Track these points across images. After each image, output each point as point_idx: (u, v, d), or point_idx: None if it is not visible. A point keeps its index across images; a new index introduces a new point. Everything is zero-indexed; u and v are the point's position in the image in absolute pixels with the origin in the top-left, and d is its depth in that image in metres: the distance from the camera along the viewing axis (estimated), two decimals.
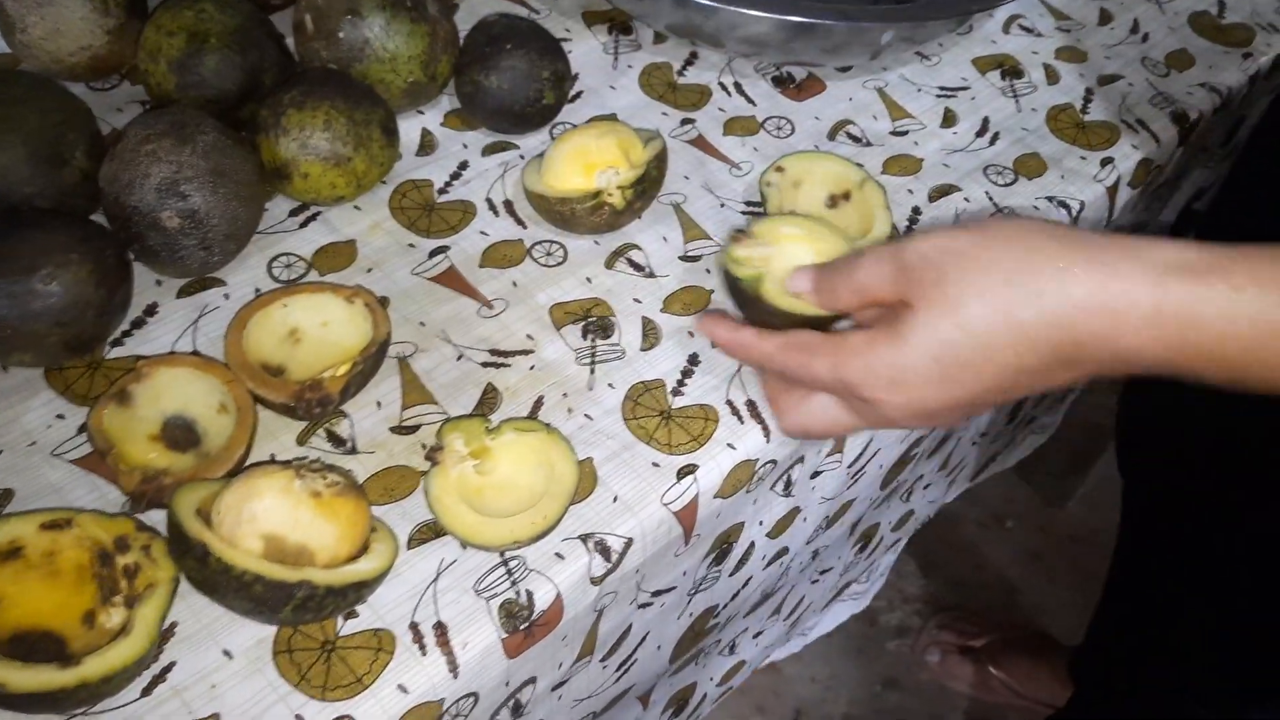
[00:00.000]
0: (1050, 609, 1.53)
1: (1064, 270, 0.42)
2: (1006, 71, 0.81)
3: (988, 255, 0.44)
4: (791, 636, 0.90)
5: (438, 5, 0.66)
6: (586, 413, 0.58)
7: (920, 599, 1.52)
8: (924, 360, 0.45)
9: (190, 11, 0.61)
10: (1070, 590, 1.53)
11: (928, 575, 1.54)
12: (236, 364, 0.54)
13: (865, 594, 0.98)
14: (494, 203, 0.67)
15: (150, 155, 0.55)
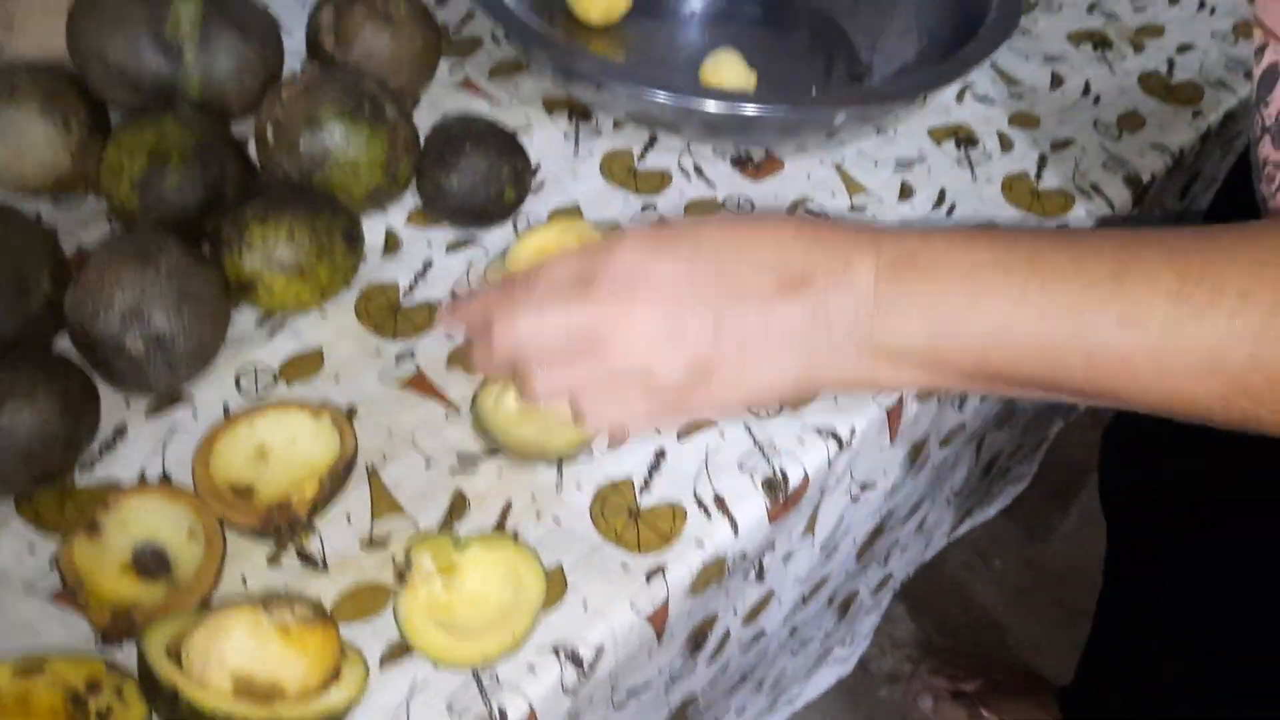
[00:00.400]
0: (1040, 647, 1.53)
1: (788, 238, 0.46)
2: (961, 140, 0.83)
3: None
4: (778, 707, 0.91)
5: (396, 108, 0.67)
6: (555, 515, 0.58)
7: (910, 643, 1.52)
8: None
9: (151, 130, 0.62)
10: (1059, 627, 1.54)
11: (916, 619, 1.54)
12: (204, 490, 0.54)
13: (850, 658, 0.99)
14: None
15: (114, 282, 0.56)
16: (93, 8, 0.63)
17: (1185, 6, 0.98)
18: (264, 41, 0.68)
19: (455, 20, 0.86)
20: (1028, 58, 0.91)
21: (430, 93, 0.80)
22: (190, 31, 0.65)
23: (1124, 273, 0.41)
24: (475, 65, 0.83)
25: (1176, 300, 0.40)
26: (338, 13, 0.72)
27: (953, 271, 0.44)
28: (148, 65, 0.64)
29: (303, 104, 0.64)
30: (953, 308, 0.43)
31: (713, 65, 0.80)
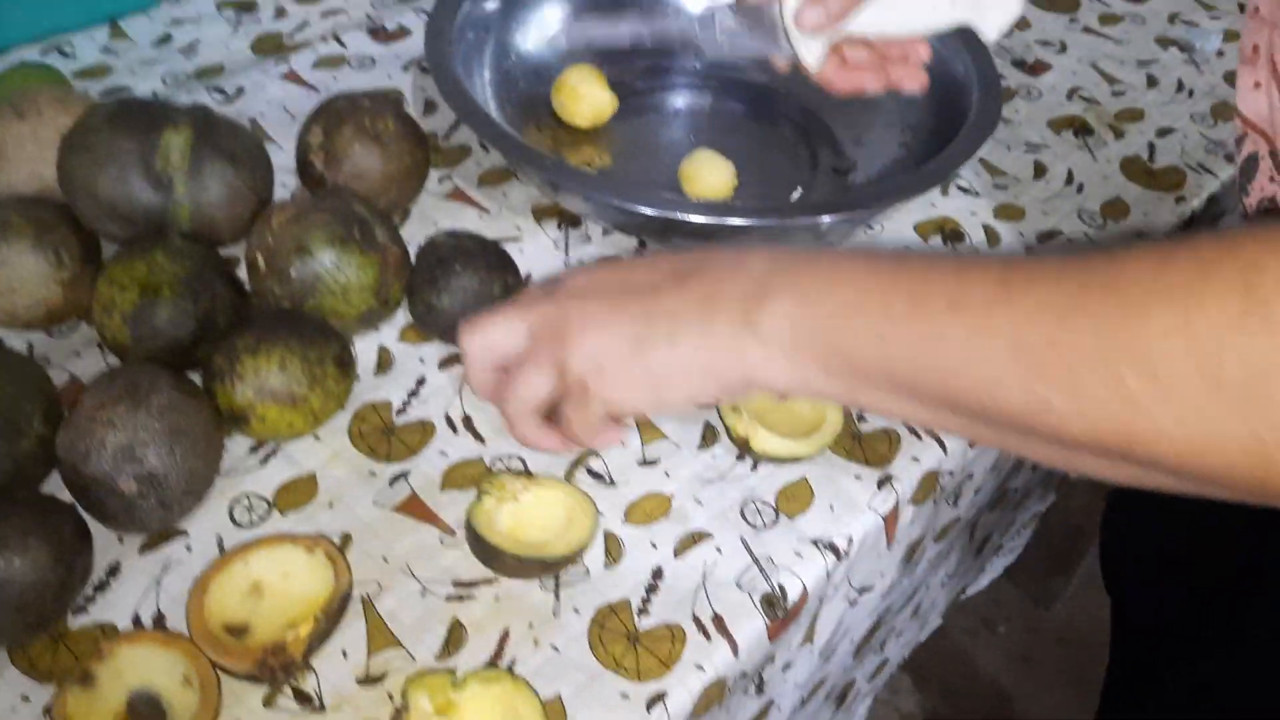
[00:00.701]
0: (1046, 714, 1.52)
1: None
2: (948, 235, 0.83)
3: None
4: None
5: (386, 230, 0.68)
6: (553, 643, 0.58)
7: (916, 714, 1.51)
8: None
9: (142, 264, 0.63)
10: (1065, 693, 1.53)
11: (921, 689, 1.53)
12: (198, 634, 0.54)
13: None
14: (453, 419, 0.68)
15: (105, 423, 0.56)
16: (83, 145, 0.64)
17: (1164, 90, 0.99)
18: (253, 169, 0.69)
19: (444, 128, 0.87)
20: (1010, 147, 0.92)
21: (420, 204, 0.80)
22: (180, 163, 0.65)
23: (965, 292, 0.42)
24: (464, 174, 0.83)
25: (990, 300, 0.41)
26: (326, 132, 0.72)
27: (838, 272, 0.45)
28: (138, 199, 0.64)
29: (293, 231, 0.64)
30: (826, 304, 0.44)
31: (692, 166, 0.80)
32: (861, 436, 0.69)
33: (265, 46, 0.93)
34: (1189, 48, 1.05)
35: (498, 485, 0.62)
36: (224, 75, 0.89)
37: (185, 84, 0.88)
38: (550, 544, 0.60)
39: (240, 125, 0.71)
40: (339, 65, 0.91)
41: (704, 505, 0.65)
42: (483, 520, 0.60)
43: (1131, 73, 1.01)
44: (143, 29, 0.93)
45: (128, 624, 0.56)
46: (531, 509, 0.62)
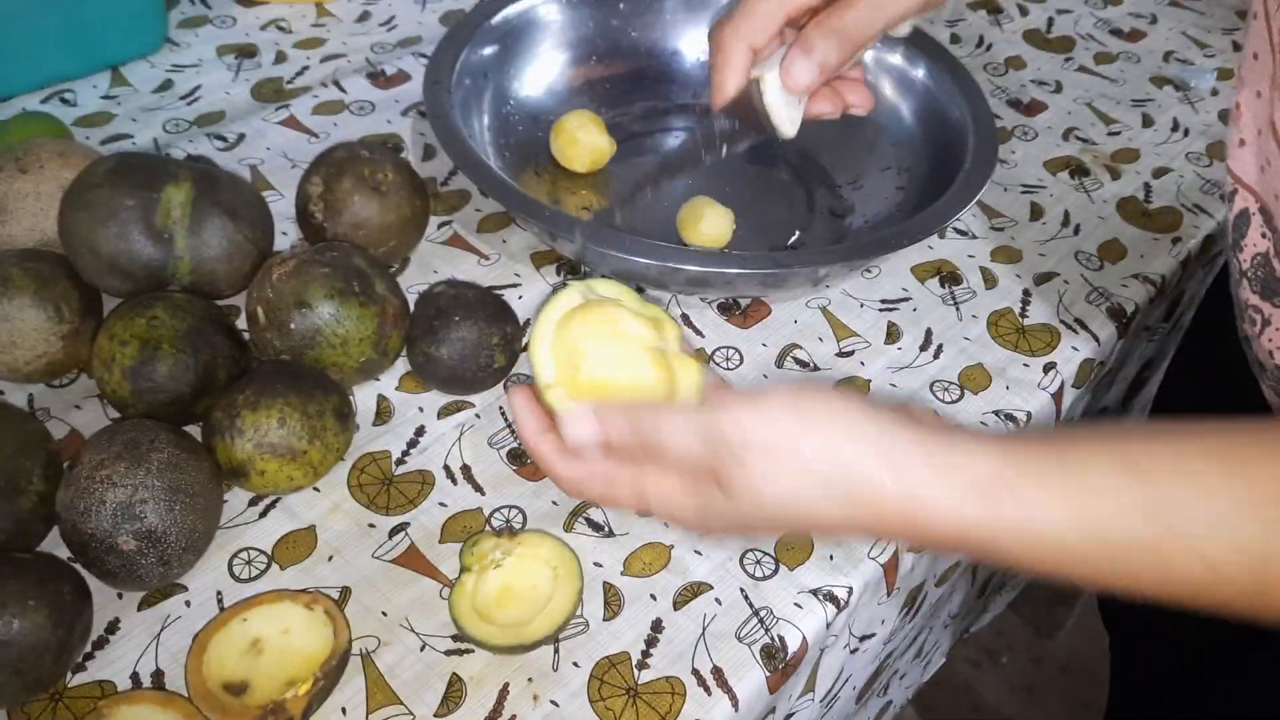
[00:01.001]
0: None
1: (877, 493, 0.43)
2: (945, 278, 0.84)
3: (801, 454, 0.44)
4: None
5: (385, 282, 0.68)
6: (552, 699, 0.58)
7: None
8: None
9: (142, 319, 0.63)
10: None
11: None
12: (197, 693, 0.54)
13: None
14: (452, 470, 0.68)
15: (105, 480, 0.56)
16: (84, 201, 0.65)
17: (1159, 129, 1.00)
18: (253, 222, 0.69)
19: (443, 173, 0.88)
20: (1006, 189, 0.92)
21: (419, 251, 0.81)
22: (181, 218, 0.66)
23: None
24: (463, 220, 0.84)
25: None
26: (326, 183, 0.73)
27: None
28: (139, 254, 0.65)
29: (292, 285, 0.65)
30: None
31: (691, 214, 0.81)
32: None
33: (265, 92, 0.93)
34: (1184, 86, 1.05)
35: (478, 555, 0.61)
36: (224, 122, 0.90)
37: (186, 131, 0.88)
38: (530, 623, 0.59)
39: (240, 178, 0.72)
40: (338, 110, 0.92)
41: (704, 556, 0.65)
42: (463, 603, 0.59)
43: (1127, 112, 1.02)
44: (144, 75, 0.93)
45: (126, 682, 0.56)
46: (517, 569, 0.61)
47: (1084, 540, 0.41)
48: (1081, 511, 0.41)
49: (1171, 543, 0.41)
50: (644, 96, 0.93)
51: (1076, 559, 0.42)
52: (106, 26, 0.90)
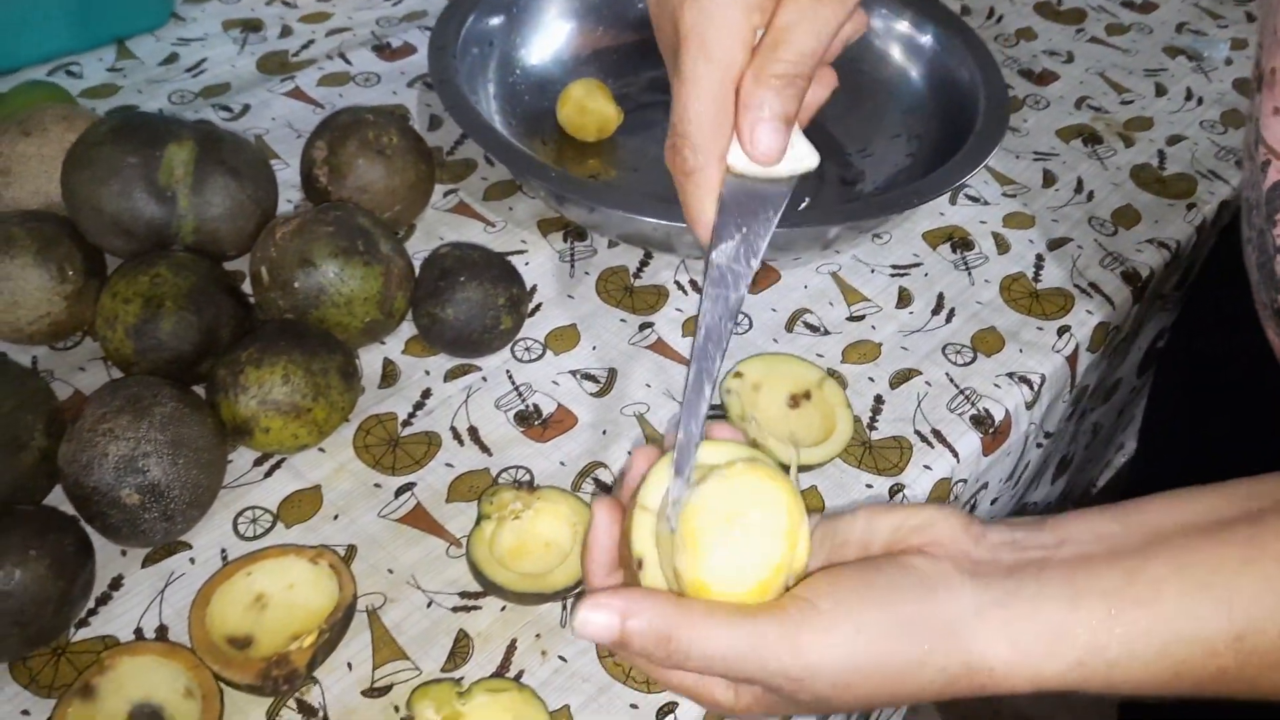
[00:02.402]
0: None
1: (950, 684, 0.39)
2: (957, 244, 0.83)
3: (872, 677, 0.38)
4: None
5: (390, 242, 0.67)
6: (561, 654, 0.57)
7: None
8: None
9: (145, 277, 0.62)
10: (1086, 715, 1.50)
11: (943, 712, 1.51)
12: (200, 645, 0.53)
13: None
14: (458, 431, 0.67)
15: (107, 433, 0.55)
16: (86, 160, 0.64)
17: (1173, 98, 0.99)
18: (257, 182, 0.68)
19: (448, 143, 0.87)
20: (1018, 156, 0.91)
21: (425, 218, 0.80)
22: (184, 176, 0.65)
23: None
24: (469, 189, 0.83)
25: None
26: (331, 147, 0.72)
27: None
28: (142, 213, 0.64)
29: (296, 244, 0.64)
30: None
31: None
32: (872, 445, 0.68)
33: (270, 65, 0.93)
34: (1197, 56, 1.04)
35: (498, 504, 0.61)
36: (229, 93, 0.89)
37: (191, 102, 0.88)
38: (551, 573, 0.58)
39: (244, 139, 0.71)
40: (344, 82, 0.92)
41: None
42: (481, 549, 0.59)
43: (1139, 82, 1.01)
44: (150, 49, 0.93)
45: (130, 637, 0.56)
46: (535, 524, 0.61)
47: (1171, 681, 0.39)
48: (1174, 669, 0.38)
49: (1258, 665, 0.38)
50: (652, 66, 0.93)
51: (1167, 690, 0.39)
52: (112, 1, 0.90)
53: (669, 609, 0.38)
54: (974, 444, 0.69)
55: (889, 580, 0.39)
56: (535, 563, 0.59)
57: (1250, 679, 0.38)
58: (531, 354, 0.72)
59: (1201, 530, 0.40)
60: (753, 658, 0.37)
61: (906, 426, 0.69)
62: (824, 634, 0.37)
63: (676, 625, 0.37)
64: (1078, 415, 0.87)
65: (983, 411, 0.71)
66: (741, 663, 0.37)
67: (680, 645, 0.37)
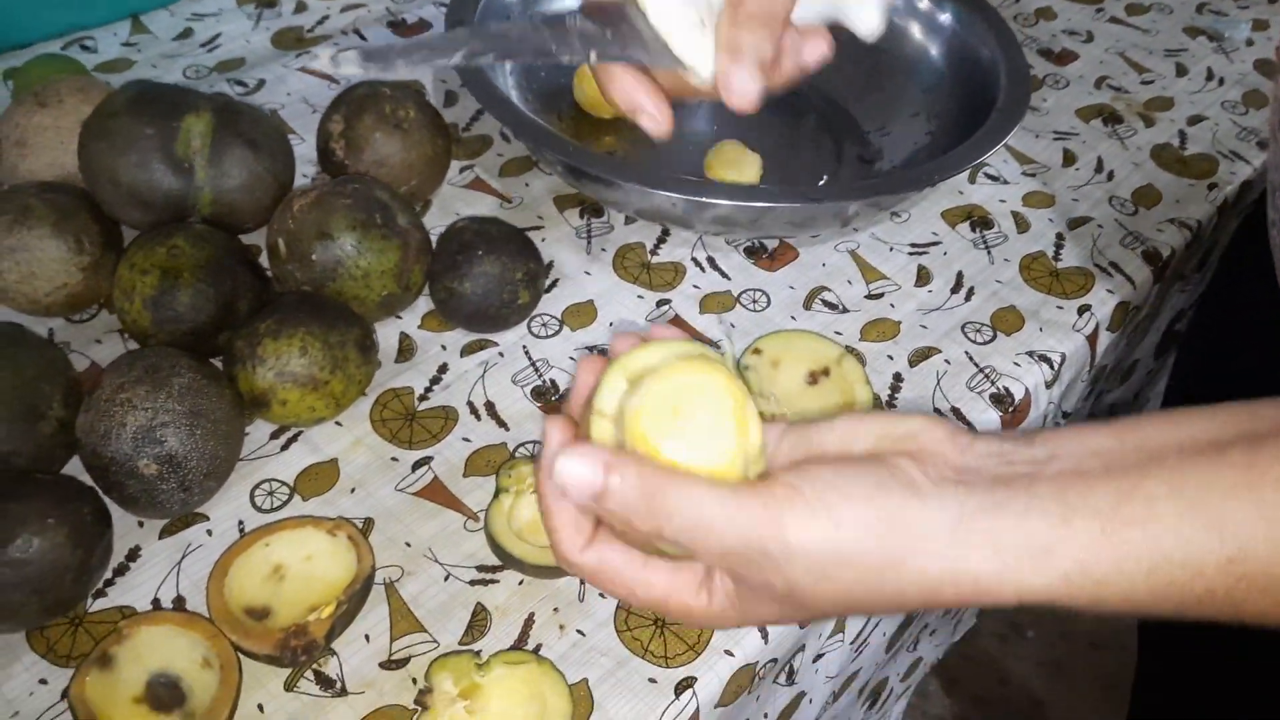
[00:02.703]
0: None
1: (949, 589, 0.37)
2: (976, 223, 0.82)
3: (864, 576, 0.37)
4: None
5: (407, 216, 0.67)
6: (579, 628, 0.57)
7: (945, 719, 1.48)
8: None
9: (163, 248, 0.62)
10: (1096, 699, 1.50)
11: (951, 694, 1.51)
12: (219, 615, 0.53)
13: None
14: (475, 406, 0.67)
15: (125, 404, 0.55)
16: (103, 130, 0.64)
17: (1193, 78, 0.98)
18: (274, 154, 0.68)
19: (465, 119, 0.87)
20: (1038, 135, 0.90)
21: (441, 193, 0.80)
22: (201, 148, 0.65)
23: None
24: (485, 164, 0.83)
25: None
26: (348, 120, 0.72)
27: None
28: (159, 184, 0.64)
29: (314, 216, 0.64)
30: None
31: (718, 158, 0.80)
32: None
33: (285, 40, 0.92)
34: (1218, 37, 1.03)
35: (516, 477, 0.60)
36: (244, 68, 0.89)
37: (206, 77, 0.88)
38: None
39: (261, 111, 0.71)
40: None
41: None
42: (500, 521, 0.58)
43: (1160, 62, 1.00)
44: (164, 24, 0.93)
45: (147, 607, 0.56)
46: None
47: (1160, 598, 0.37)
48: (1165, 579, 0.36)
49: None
50: None
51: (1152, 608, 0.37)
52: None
53: (655, 470, 0.37)
54: (993, 422, 0.69)
55: (874, 478, 0.38)
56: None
57: (1237, 603, 0.37)
58: (549, 329, 0.71)
59: (1198, 451, 0.38)
60: (736, 527, 0.36)
61: (926, 404, 0.69)
62: (807, 517, 0.37)
63: (662, 484, 0.36)
64: (1095, 396, 0.86)
65: (1002, 390, 0.70)
66: (724, 531, 0.36)
67: (666, 502, 0.36)
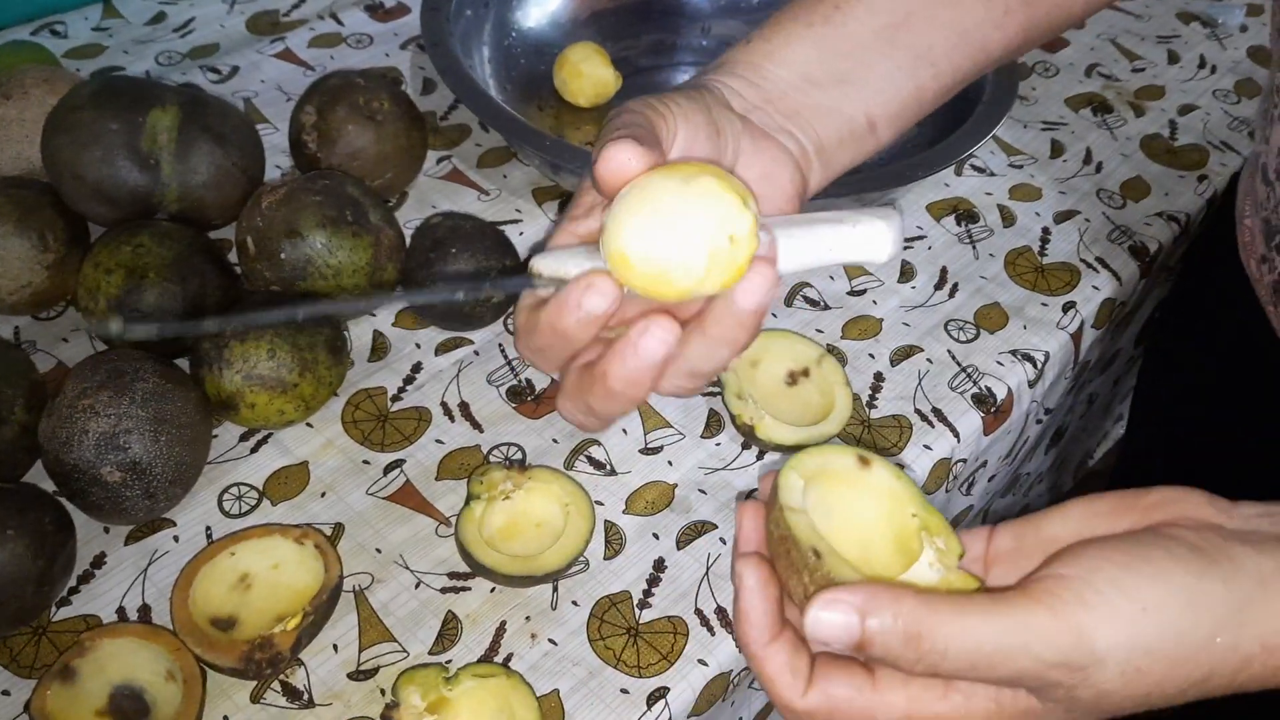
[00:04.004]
0: None
1: (1244, 667, 0.34)
2: (962, 216, 0.81)
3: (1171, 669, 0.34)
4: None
5: (380, 212, 0.66)
6: (551, 637, 0.56)
7: None
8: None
9: (128, 246, 0.61)
10: None
11: None
12: (183, 627, 0.52)
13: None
14: (449, 406, 0.66)
15: (87, 410, 0.54)
16: (67, 124, 0.62)
17: (1185, 66, 0.96)
18: (243, 148, 0.67)
19: (442, 108, 0.85)
20: (1026, 125, 0.89)
21: (417, 186, 0.78)
22: (167, 143, 0.63)
23: None
24: (463, 155, 0.81)
25: None
26: (320, 111, 0.70)
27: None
28: (124, 180, 0.63)
29: (283, 213, 0.62)
30: None
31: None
32: (871, 424, 0.67)
33: (260, 25, 0.91)
34: (1211, 23, 1.02)
35: (488, 484, 0.59)
36: (218, 54, 0.87)
37: (179, 64, 0.86)
38: (541, 555, 0.57)
39: (229, 104, 0.69)
40: (336, 44, 0.89)
41: (708, 495, 0.63)
42: (471, 530, 0.58)
43: (1152, 49, 0.98)
44: (136, 8, 0.91)
45: (112, 616, 0.55)
46: (526, 504, 0.60)
47: None
48: None
49: None
50: (651, 29, 0.90)
51: None
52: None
53: (915, 602, 0.32)
54: (975, 423, 0.68)
55: (1165, 551, 0.34)
56: (526, 544, 0.58)
57: None
58: None
59: None
60: (1024, 648, 0.32)
61: (907, 405, 0.68)
62: (1108, 614, 0.32)
63: (926, 619, 0.32)
64: (1076, 388, 0.85)
65: (984, 390, 0.69)
66: (1011, 656, 0.32)
67: (935, 642, 0.32)
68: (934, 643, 0.32)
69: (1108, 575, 0.33)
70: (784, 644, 0.35)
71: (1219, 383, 0.71)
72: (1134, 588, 0.33)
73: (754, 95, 0.45)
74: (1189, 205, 0.83)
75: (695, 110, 0.41)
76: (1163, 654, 0.33)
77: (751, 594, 0.36)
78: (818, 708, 0.35)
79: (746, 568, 0.37)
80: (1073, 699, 0.33)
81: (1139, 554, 0.34)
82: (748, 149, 0.43)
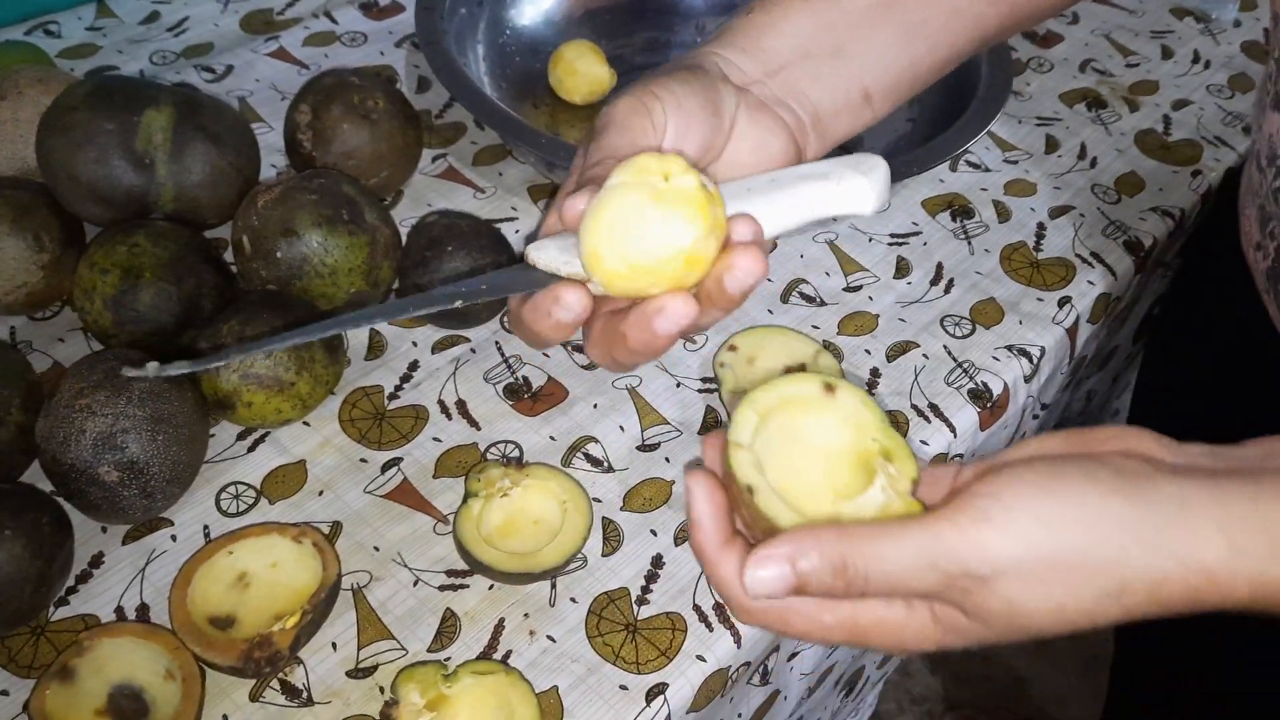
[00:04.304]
0: (1063, 698, 1.50)
1: (1159, 583, 0.35)
2: (957, 212, 0.81)
3: (1069, 574, 0.35)
4: None
5: (375, 211, 0.66)
6: (549, 634, 0.56)
7: (928, 698, 1.49)
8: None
9: (123, 246, 0.61)
10: (1079, 677, 1.51)
11: (935, 672, 1.51)
12: (181, 626, 0.52)
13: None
14: (446, 404, 0.66)
15: (84, 410, 0.54)
16: (61, 125, 0.62)
17: (1179, 61, 0.97)
18: (238, 148, 0.67)
19: (437, 106, 0.85)
20: (1020, 121, 0.89)
21: (413, 184, 0.78)
22: (162, 143, 0.63)
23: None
24: (458, 153, 0.81)
25: None
26: (315, 110, 0.70)
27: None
28: (119, 180, 0.62)
29: (279, 212, 0.62)
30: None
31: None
32: None
33: (254, 23, 0.91)
34: (1205, 18, 1.02)
35: (485, 482, 0.60)
36: (212, 53, 0.87)
37: (173, 63, 0.86)
38: (540, 552, 0.57)
39: (224, 104, 0.69)
40: (330, 42, 0.89)
41: None
42: (469, 528, 0.58)
43: (1146, 44, 0.99)
44: (130, 7, 0.91)
45: (110, 616, 0.55)
46: (524, 502, 0.60)
47: None
48: None
49: None
50: (646, 27, 0.90)
51: None
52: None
53: (833, 535, 0.35)
54: (971, 418, 0.68)
55: (1082, 472, 0.35)
56: (524, 541, 0.58)
57: None
58: None
59: None
60: (932, 564, 0.34)
61: (903, 400, 0.68)
62: (1006, 526, 0.34)
63: (846, 550, 0.35)
64: (1074, 384, 0.85)
65: (981, 385, 0.69)
66: (919, 572, 0.34)
67: (856, 568, 0.35)
68: (855, 569, 0.34)
69: (1016, 491, 0.35)
70: (736, 550, 0.38)
71: (1218, 377, 0.71)
72: (1038, 502, 0.34)
73: (753, 68, 0.47)
74: (1183, 200, 0.83)
75: (690, 94, 0.43)
76: (1065, 565, 0.34)
77: (701, 502, 0.38)
78: (769, 608, 0.38)
79: (694, 480, 0.39)
80: (987, 610, 0.35)
81: (1054, 473, 0.36)
82: (743, 120, 0.45)
